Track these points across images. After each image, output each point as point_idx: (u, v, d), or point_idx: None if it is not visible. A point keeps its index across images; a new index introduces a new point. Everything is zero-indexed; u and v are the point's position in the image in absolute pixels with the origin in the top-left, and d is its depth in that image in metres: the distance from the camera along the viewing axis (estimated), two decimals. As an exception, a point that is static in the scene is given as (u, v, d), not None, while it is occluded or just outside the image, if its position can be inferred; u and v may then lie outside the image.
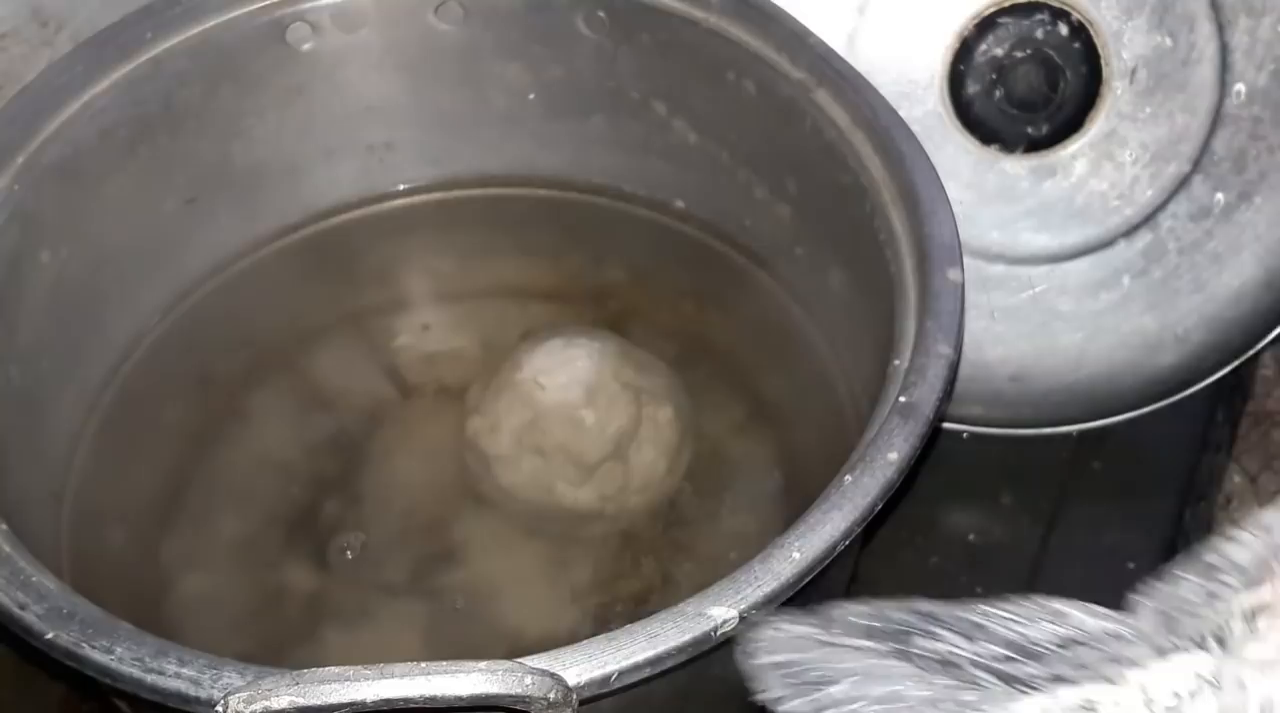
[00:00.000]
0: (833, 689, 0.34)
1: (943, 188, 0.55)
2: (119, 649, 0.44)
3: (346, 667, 0.41)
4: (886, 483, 0.47)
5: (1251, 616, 0.34)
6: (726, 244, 0.68)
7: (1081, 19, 0.67)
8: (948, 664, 0.33)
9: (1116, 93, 0.67)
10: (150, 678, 0.43)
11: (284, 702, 0.41)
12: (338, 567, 0.62)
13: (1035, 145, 0.68)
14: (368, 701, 0.41)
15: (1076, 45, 0.67)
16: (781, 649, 0.35)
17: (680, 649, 0.43)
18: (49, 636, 0.45)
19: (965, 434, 0.72)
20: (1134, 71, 0.67)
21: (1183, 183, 0.68)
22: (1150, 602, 0.35)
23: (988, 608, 0.35)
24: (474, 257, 0.72)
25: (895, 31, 0.67)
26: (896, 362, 0.51)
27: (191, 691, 0.43)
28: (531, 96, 0.69)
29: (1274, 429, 0.82)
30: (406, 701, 0.41)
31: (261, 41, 0.65)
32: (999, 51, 0.68)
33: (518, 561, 0.62)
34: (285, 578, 0.62)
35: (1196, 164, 0.68)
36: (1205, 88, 0.67)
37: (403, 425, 0.67)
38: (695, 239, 0.69)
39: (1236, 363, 0.70)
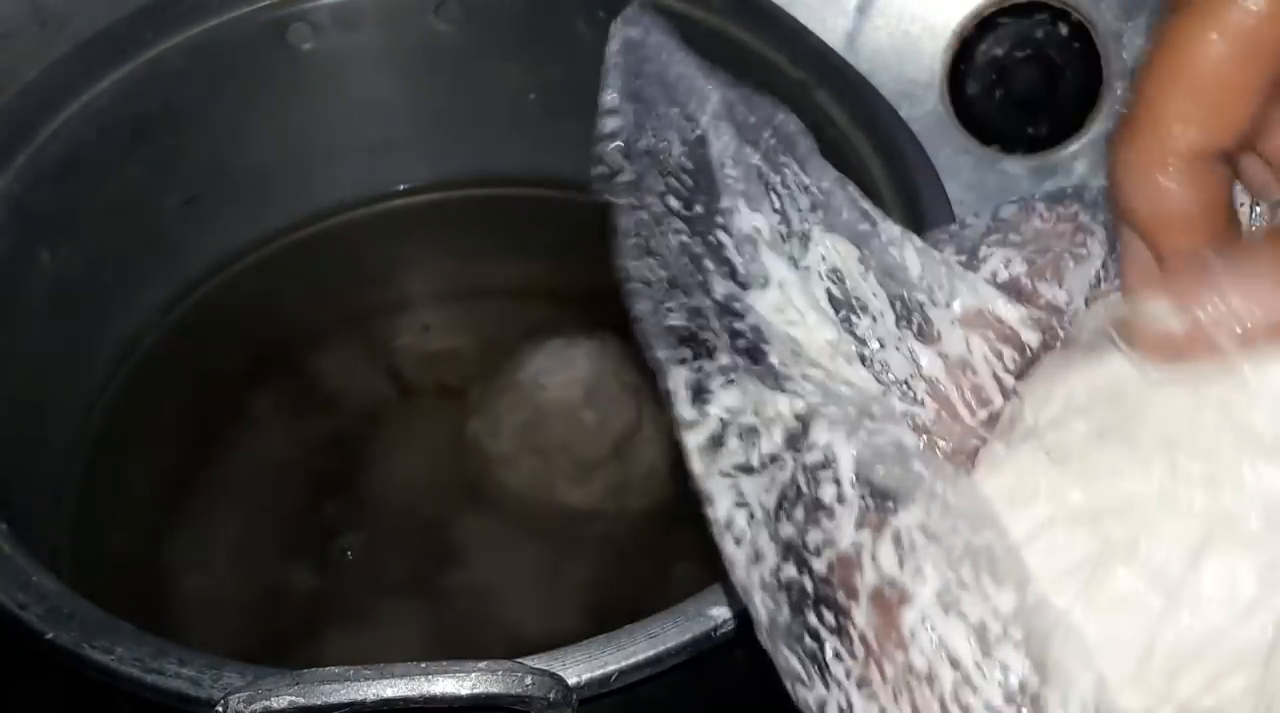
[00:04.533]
0: None
1: (943, 188, 0.55)
2: (119, 649, 0.44)
3: (346, 667, 0.41)
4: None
5: None
6: (726, 244, 0.68)
7: (1081, 19, 0.67)
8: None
9: (1116, 93, 0.67)
10: (150, 678, 0.43)
11: (284, 702, 0.41)
12: (338, 567, 0.62)
13: (1035, 145, 0.68)
14: (368, 701, 0.41)
15: (1076, 45, 0.67)
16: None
17: (680, 649, 0.43)
18: (49, 636, 0.45)
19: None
20: (1134, 72, 0.67)
21: (1183, 183, 0.68)
22: None
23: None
24: (474, 257, 0.72)
25: (895, 31, 0.68)
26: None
27: (191, 691, 0.43)
28: (531, 96, 0.69)
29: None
30: (406, 701, 0.41)
31: (261, 41, 0.65)
32: (999, 51, 0.68)
33: (518, 561, 0.62)
34: (286, 578, 0.62)
35: (1196, 164, 0.68)
36: (1205, 88, 0.67)
37: (403, 425, 0.67)
38: (695, 239, 0.69)
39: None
